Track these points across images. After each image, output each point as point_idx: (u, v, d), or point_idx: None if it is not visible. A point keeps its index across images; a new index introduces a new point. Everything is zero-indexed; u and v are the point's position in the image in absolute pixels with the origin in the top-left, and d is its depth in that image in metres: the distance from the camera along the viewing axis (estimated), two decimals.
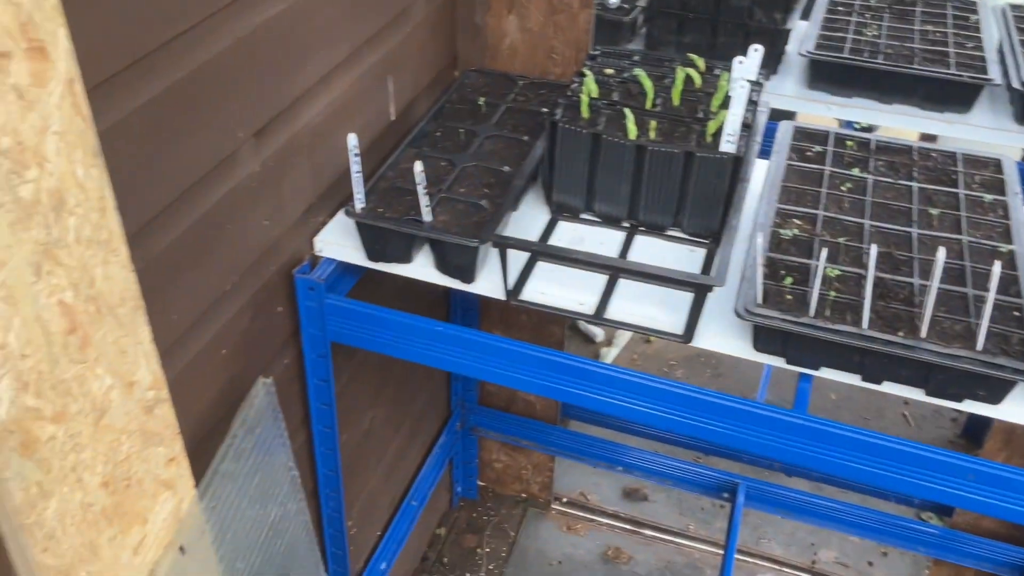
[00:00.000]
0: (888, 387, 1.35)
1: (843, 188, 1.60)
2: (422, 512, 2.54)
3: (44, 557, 0.96)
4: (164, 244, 1.20)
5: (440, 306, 2.34)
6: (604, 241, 1.60)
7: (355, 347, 1.82)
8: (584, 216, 1.66)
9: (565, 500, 2.95)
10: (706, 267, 1.54)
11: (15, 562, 0.94)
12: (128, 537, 1.07)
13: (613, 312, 1.47)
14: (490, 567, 2.73)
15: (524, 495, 2.94)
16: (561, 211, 1.65)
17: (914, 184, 1.61)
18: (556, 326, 2.42)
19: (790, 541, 2.84)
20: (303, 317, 1.59)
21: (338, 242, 1.60)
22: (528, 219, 1.65)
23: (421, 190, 1.44)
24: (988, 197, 1.58)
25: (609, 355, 3.50)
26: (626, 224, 1.63)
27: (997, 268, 1.21)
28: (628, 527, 2.88)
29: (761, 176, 1.66)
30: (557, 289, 1.50)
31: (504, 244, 1.41)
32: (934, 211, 1.54)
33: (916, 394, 1.34)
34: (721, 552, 2.79)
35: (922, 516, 2.71)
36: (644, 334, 1.45)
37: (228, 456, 1.29)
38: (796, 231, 1.48)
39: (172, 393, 1.13)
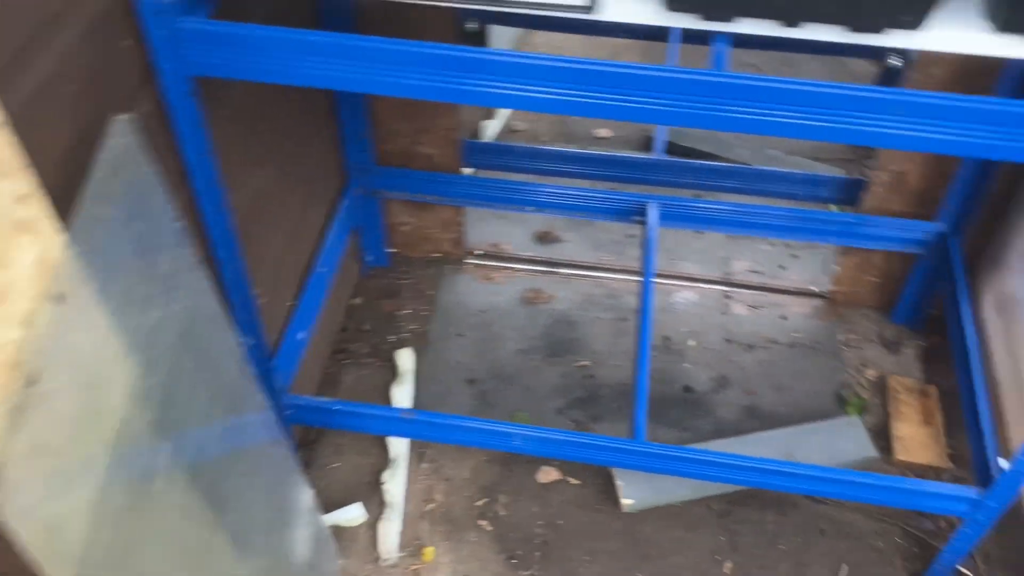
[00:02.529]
0: (808, 30, 1.25)
1: None
2: (334, 282, 2.45)
3: None
4: None
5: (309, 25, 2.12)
6: None
7: (227, 86, 1.63)
8: None
9: (479, 253, 2.90)
10: None
11: None
12: None
13: None
14: (413, 327, 2.69)
15: (437, 254, 2.87)
16: None
17: None
18: (445, 30, 2.24)
19: (703, 258, 2.87)
20: (156, 48, 1.38)
21: None
22: None
23: None
24: None
25: (490, 128, 3.35)
26: None
27: None
28: (544, 269, 2.86)
29: None
30: None
31: None
32: None
33: (836, 34, 1.25)
34: (636, 279, 2.81)
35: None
36: (546, 11, 1.30)
37: (94, 199, 1.13)
38: None
39: (17, 130, 0.96)
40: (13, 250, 0.96)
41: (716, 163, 2.66)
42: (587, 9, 1.28)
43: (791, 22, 1.24)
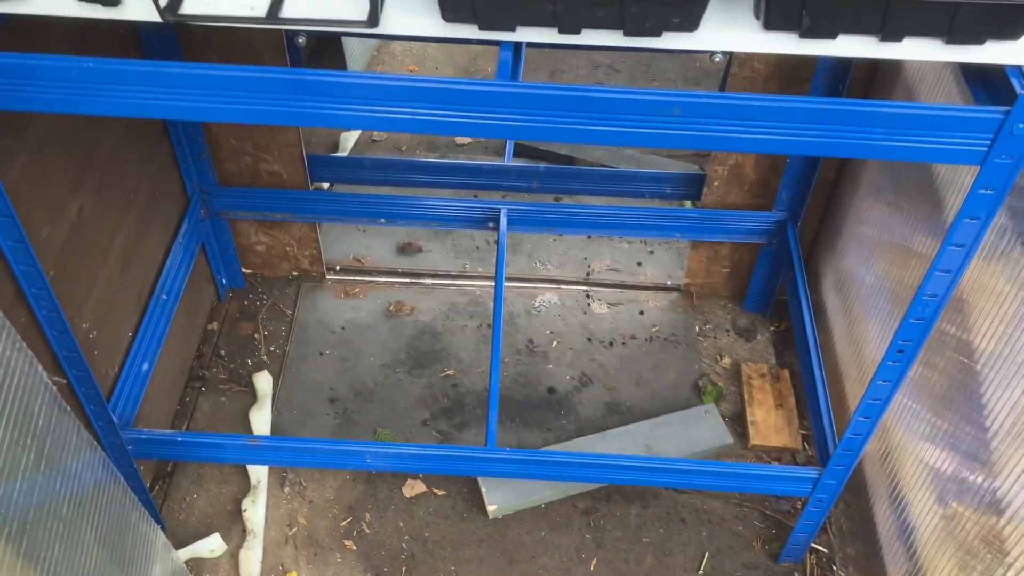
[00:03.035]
0: (587, 36, 1.27)
1: None
2: (183, 308, 2.38)
3: None
4: None
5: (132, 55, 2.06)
6: None
7: (28, 116, 1.57)
8: None
9: (339, 268, 2.86)
10: None
11: None
12: None
13: (288, 11, 1.29)
14: (271, 349, 2.64)
15: (295, 272, 2.83)
16: None
17: None
18: (274, 55, 2.20)
19: (564, 261, 2.90)
20: None
21: None
22: None
23: None
24: None
25: (349, 141, 3.32)
26: None
27: None
28: (407, 280, 2.85)
29: None
30: None
31: None
32: None
33: (615, 38, 1.27)
34: None
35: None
36: (326, 29, 1.29)
37: None
38: None
39: None
40: None
41: (563, 167, 2.69)
42: (368, 24, 1.27)
43: (571, 29, 1.25)
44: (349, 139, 3.31)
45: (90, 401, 1.83)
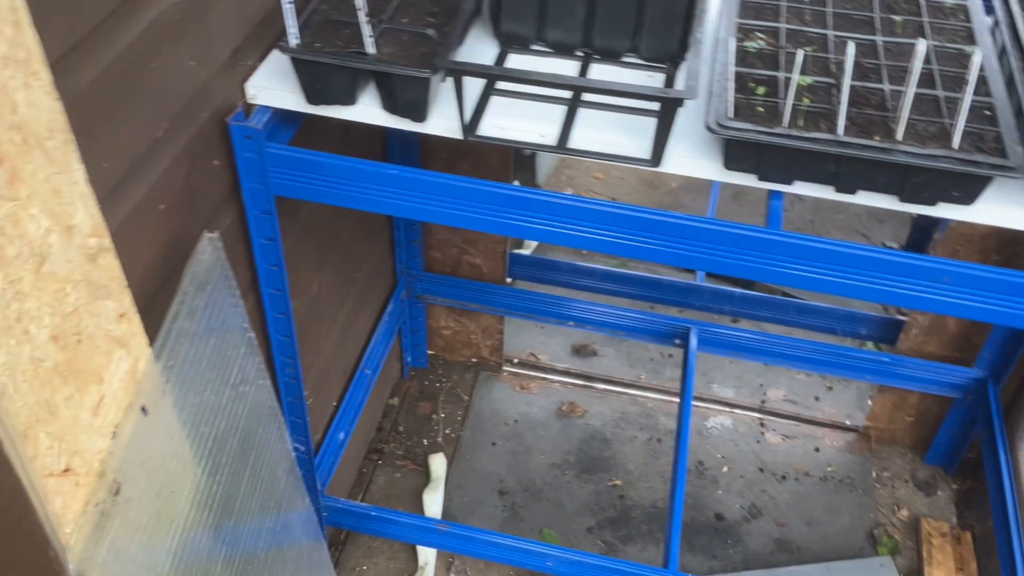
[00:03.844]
0: (862, 197, 1.32)
1: (803, 0, 1.53)
2: (375, 382, 2.50)
3: None
4: (87, 79, 1.07)
5: (378, 157, 2.22)
6: (558, 72, 1.51)
7: (300, 201, 1.72)
8: (535, 47, 1.56)
9: (516, 361, 2.94)
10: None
11: None
12: (85, 397, 0.99)
13: (575, 141, 1.40)
14: (447, 431, 2.72)
15: (475, 359, 2.92)
16: (510, 42, 1.55)
17: None
18: (502, 168, 2.34)
19: (739, 384, 2.90)
20: (242, 170, 1.47)
21: (272, 87, 1.47)
22: (475, 54, 1.54)
23: (363, 18, 1.32)
24: (949, 2, 1.53)
25: (533, 241, 3.44)
26: (580, 52, 1.55)
27: (977, 58, 1.16)
28: (580, 382, 2.90)
29: None
30: (515, 122, 1.42)
31: (460, 71, 1.31)
32: (897, 18, 1.49)
33: (890, 202, 1.31)
34: (672, 399, 2.84)
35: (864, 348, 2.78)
36: (612, 161, 1.38)
37: (181, 314, 1.20)
38: (762, 44, 1.42)
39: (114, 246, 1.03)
40: (111, 365, 1.03)
41: (756, 293, 2.71)
42: (651, 163, 1.35)
43: (847, 191, 1.30)
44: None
45: (303, 467, 1.93)
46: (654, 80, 1.51)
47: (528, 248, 3.42)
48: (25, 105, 0.84)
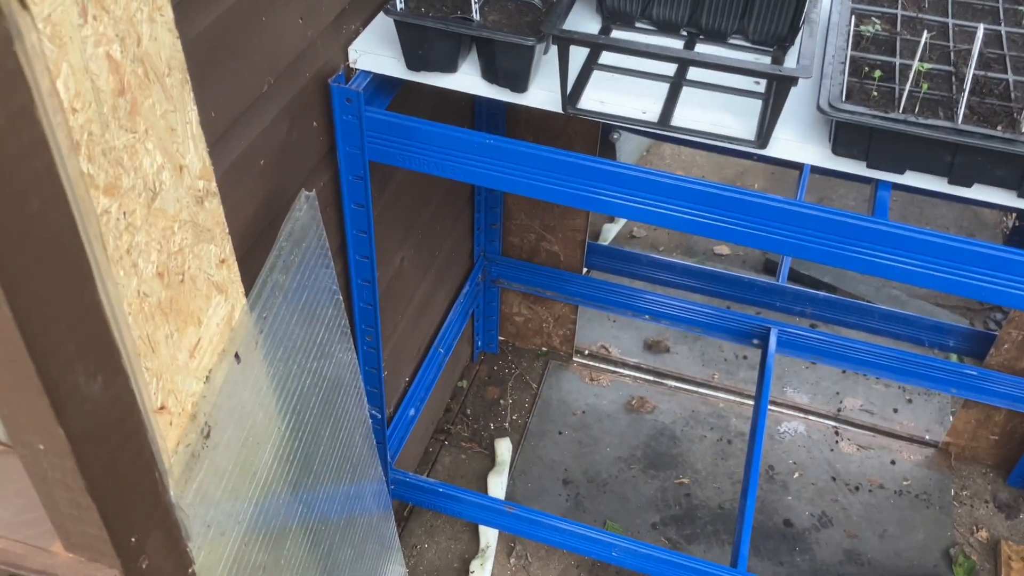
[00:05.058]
0: (977, 191, 1.26)
1: None
2: (447, 363, 2.50)
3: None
4: (203, 25, 1.08)
5: (466, 124, 2.21)
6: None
7: (389, 172, 1.72)
8: (639, 25, 1.53)
9: (586, 353, 2.92)
10: None
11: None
12: (184, 337, 0.99)
13: (679, 119, 1.36)
14: (513, 417, 2.71)
15: (545, 348, 2.90)
16: (614, 18, 1.53)
17: None
18: (584, 144, 2.31)
19: (815, 390, 2.83)
20: (339, 133, 1.48)
21: (374, 51, 1.47)
22: (577, 28, 1.52)
23: None
24: None
25: (611, 232, 3.40)
26: (684, 32, 1.51)
27: None
28: (651, 378, 2.86)
29: None
30: (617, 97, 1.39)
31: (568, 39, 1.29)
32: (1022, 8, 1.43)
33: (1007, 197, 1.25)
34: (745, 401, 2.78)
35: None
36: (715, 142, 1.35)
37: (277, 268, 1.20)
38: (878, 29, 1.37)
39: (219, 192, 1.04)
40: (209, 308, 1.03)
41: (839, 296, 2.63)
42: (758, 144, 1.31)
43: (963, 182, 1.25)
44: (611, 231, 3.40)
45: (377, 438, 1.94)
46: (761, 62, 1.46)
47: (607, 239, 3.39)
48: (149, 39, 0.85)
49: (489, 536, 2.36)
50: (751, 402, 2.76)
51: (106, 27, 0.79)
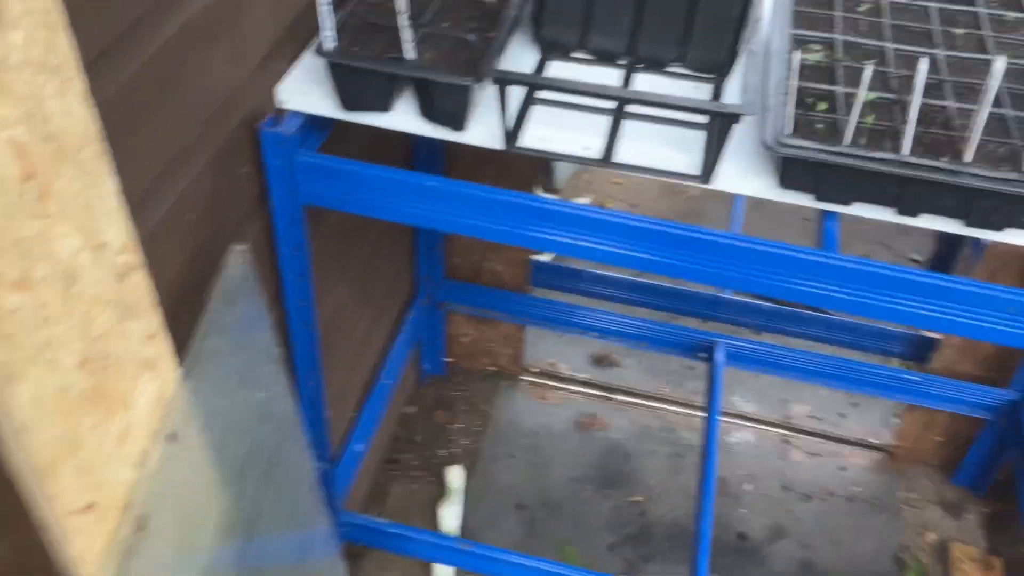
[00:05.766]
0: (925, 220, 1.26)
1: (858, 10, 1.47)
2: (394, 392, 2.44)
3: (18, 456, 0.81)
4: (122, 80, 1.01)
5: (404, 161, 2.15)
6: (600, 80, 1.45)
7: (328, 210, 1.66)
8: (576, 55, 1.50)
9: (535, 371, 2.88)
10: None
11: None
12: (112, 424, 0.93)
13: (622, 155, 1.33)
14: (464, 442, 2.66)
15: (493, 368, 2.86)
16: (551, 50, 1.49)
17: (931, 4, 1.49)
18: (528, 173, 2.27)
19: (762, 399, 2.83)
20: (271, 177, 1.41)
21: (304, 91, 1.41)
22: (514, 61, 1.48)
23: (404, 22, 1.26)
24: (1011, 15, 1.47)
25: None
26: (622, 61, 1.48)
27: None
28: (601, 394, 2.84)
29: (768, 2, 1.52)
30: (559, 133, 1.35)
31: (507, 80, 1.24)
32: (958, 31, 1.43)
33: (954, 226, 1.25)
34: (695, 413, 2.77)
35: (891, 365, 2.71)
36: (659, 177, 1.32)
37: (210, 333, 1.14)
38: (819, 56, 1.35)
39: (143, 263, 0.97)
40: (137, 388, 0.97)
41: (785, 307, 2.64)
42: (701, 180, 1.29)
43: (910, 213, 1.24)
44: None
45: (324, 481, 1.87)
46: (701, 91, 1.44)
47: (548, 255, 3.36)
48: (59, 115, 0.78)
49: (445, 571, 2.31)
50: (700, 414, 2.75)
51: (9, 109, 0.72)
